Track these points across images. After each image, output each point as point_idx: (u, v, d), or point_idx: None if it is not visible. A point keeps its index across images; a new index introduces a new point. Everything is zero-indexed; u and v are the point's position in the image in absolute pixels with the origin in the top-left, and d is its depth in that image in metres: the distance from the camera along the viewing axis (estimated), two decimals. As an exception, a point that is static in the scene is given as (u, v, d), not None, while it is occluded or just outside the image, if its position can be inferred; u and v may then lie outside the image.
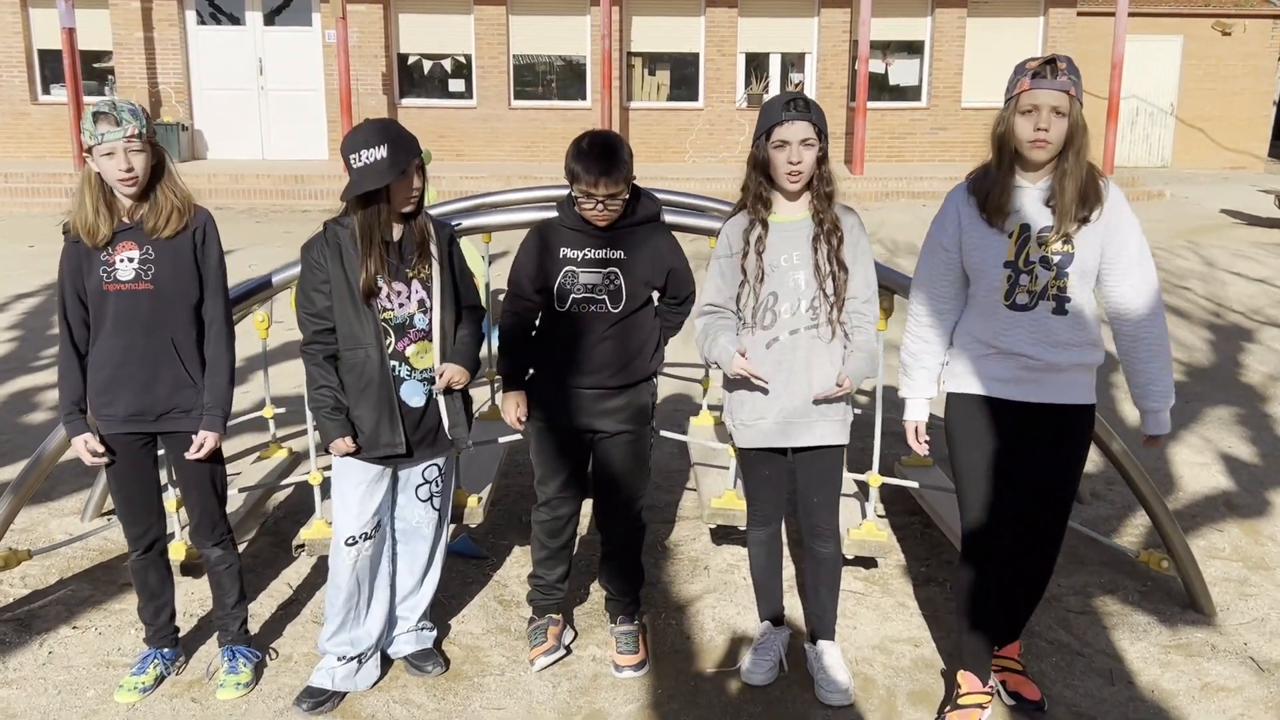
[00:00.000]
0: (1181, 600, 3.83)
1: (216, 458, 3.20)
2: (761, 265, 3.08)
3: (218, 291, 3.15)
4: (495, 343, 3.55)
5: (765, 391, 3.12)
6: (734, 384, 3.21)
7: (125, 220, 3.03)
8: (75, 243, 3.02)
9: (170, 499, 3.57)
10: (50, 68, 16.86)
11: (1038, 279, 2.85)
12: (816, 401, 3.12)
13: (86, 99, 15.44)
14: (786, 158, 2.99)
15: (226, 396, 3.15)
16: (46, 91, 17.09)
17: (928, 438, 3.15)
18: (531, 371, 3.36)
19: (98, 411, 3.09)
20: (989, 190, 2.87)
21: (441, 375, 3.13)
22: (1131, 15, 16.95)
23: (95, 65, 16.97)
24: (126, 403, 3.06)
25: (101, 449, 3.09)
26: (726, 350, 3.11)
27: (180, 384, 3.09)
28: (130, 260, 3.01)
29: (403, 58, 17.31)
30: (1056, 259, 2.83)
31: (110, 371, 3.05)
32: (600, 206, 3.09)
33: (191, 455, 3.12)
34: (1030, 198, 2.85)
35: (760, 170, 3.09)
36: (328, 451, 3.13)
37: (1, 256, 11.07)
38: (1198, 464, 5.25)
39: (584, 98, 17.54)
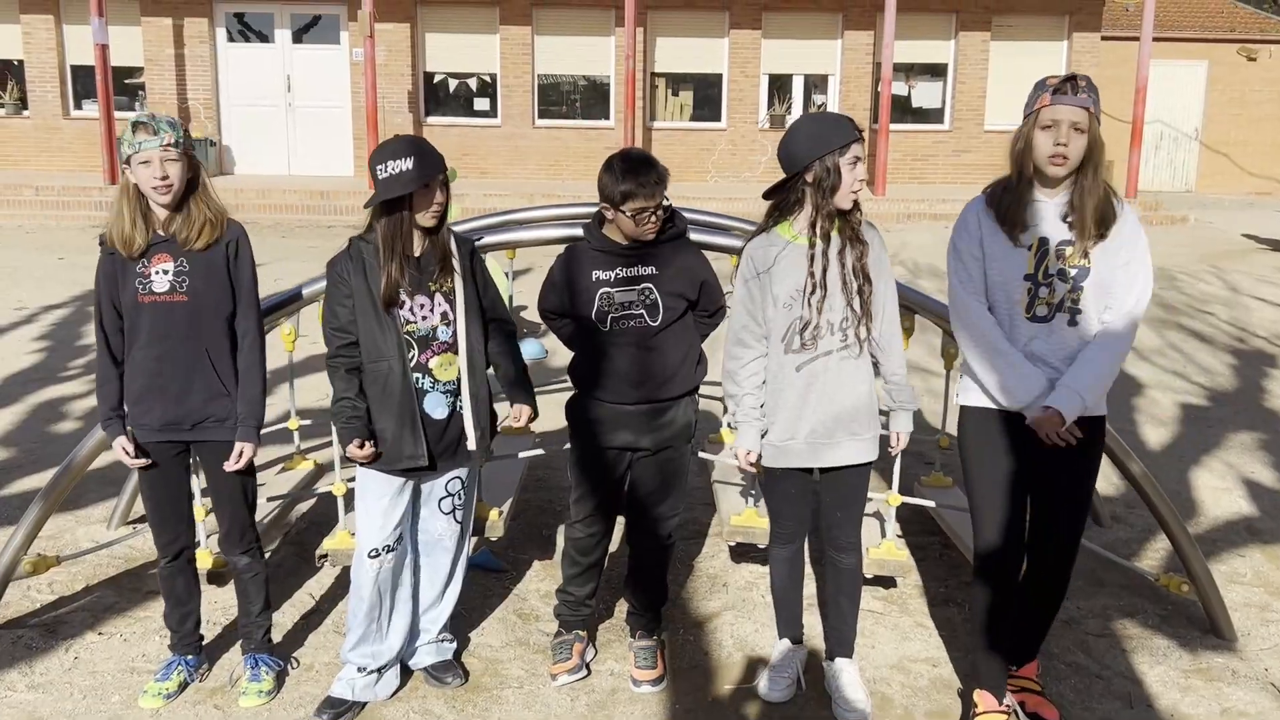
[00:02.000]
0: (1202, 625, 3.81)
1: (248, 468, 3.25)
2: (813, 282, 3.04)
3: (250, 304, 3.20)
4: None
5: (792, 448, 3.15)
6: (764, 404, 3.22)
7: (160, 232, 3.08)
8: (111, 254, 3.08)
9: (199, 508, 3.62)
10: (82, 83, 17.10)
11: (1055, 291, 2.89)
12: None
13: (118, 114, 15.65)
14: (857, 175, 3.01)
15: (260, 407, 3.20)
16: (78, 106, 17.34)
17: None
18: (575, 391, 3.39)
19: (134, 420, 3.14)
20: (1008, 205, 2.91)
21: (520, 416, 3.29)
22: (1156, 40, 16.91)
23: (126, 81, 17.21)
24: (161, 412, 3.12)
25: (135, 451, 3.14)
26: (748, 438, 3.18)
27: (214, 394, 3.14)
28: (165, 272, 3.06)
29: (429, 76, 17.49)
30: (1074, 272, 2.87)
31: (145, 381, 3.11)
32: (655, 217, 3.14)
33: (230, 467, 3.17)
34: (1048, 212, 2.89)
35: (824, 189, 2.99)
36: (352, 461, 3.17)
37: (32, 267, 11.22)
38: (1220, 488, 5.23)
39: (607, 117, 17.65)
